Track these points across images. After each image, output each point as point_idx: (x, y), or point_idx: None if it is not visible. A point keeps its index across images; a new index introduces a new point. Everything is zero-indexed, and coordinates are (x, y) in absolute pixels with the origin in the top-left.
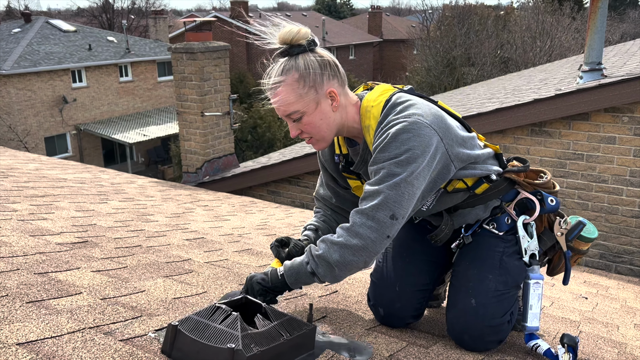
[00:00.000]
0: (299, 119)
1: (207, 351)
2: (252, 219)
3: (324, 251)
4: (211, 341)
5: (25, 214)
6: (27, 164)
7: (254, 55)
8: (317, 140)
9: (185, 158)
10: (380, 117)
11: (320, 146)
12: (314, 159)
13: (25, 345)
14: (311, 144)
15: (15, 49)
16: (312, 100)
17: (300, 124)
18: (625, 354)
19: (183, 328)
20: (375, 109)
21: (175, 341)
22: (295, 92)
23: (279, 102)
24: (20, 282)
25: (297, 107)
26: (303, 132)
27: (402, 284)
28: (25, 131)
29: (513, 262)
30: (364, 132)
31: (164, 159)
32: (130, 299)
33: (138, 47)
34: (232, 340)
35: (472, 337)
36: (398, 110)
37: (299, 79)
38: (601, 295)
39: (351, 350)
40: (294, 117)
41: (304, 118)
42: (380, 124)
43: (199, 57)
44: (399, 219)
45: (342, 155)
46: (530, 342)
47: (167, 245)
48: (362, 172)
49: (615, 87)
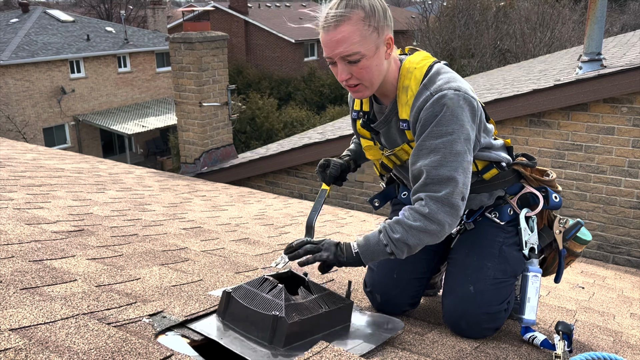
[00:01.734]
0: (356, 62)
1: (255, 316)
2: (249, 209)
3: (402, 235)
4: (259, 308)
5: (22, 203)
6: (24, 154)
7: (253, 47)
8: (365, 88)
9: (184, 149)
10: (423, 81)
11: (365, 94)
12: (312, 149)
13: (18, 330)
14: (356, 91)
15: (13, 39)
16: (373, 44)
17: (355, 67)
18: (620, 342)
19: (235, 295)
20: (418, 71)
21: (228, 306)
22: (360, 31)
23: (342, 39)
24: (15, 270)
25: (360, 49)
26: (352, 77)
27: (400, 272)
28: (24, 122)
29: (512, 252)
30: (399, 91)
31: (162, 150)
32: (125, 286)
33: (136, 37)
34: (277, 308)
35: (469, 323)
36: (445, 80)
37: (364, 18)
38: (598, 285)
39: (388, 323)
40: (352, 58)
41: (362, 61)
42: (426, 88)
43: (197, 47)
44: (466, 198)
45: (363, 112)
46: (527, 335)
47: (164, 234)
48: (383, 132)
49: (614, 78)
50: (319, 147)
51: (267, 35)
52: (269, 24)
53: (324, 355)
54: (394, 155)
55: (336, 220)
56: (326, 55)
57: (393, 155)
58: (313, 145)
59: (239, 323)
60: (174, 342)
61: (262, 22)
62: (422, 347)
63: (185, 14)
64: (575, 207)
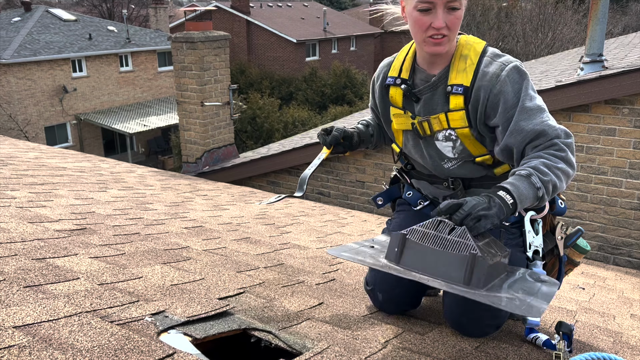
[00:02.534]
0: (455, 9)
1: (443, 258)
2: (251, 209)
3: (551, 177)
4: (447, 249)
5: (24, 202)
6: (27, 153)
7: (255, 46)
8: (449, 41)
9: (185, 148)
10: (486, 54)
11: (445, 49)
12: (313, 149)
13: (22, 328)
14: (440, 43)
15: (15, 38)
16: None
17: (452, 16)
18: (620, 342)
19: (412, 238)
20: (477, 45)
21: (404, 249)
22: None
23: None
24: (18, 267)
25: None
26: (445, 27)
27: None
28: (26, 120)
29: (515, 252)
30: (455, 59)
31: (164, 150)
32: (127, 284)
33: (138, 37)
34: (467, 249)
35: (470, 320)
36: (508, 56)
37: None
38: (598, 286)
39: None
40: (455, 4)
41: (459, 11)
42: (492, 59)
43: (199, 46)
44: None
45: (401, 78)
46: (530, 335)
47: (166, 233)
48: (425, 98)
49: (615, 79)
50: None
51: (269, 35)
52: (271, 24)
53: (324, 355)
54: (426, 121)
55: (337, 220)
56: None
57: (426, 121)
58: (314, 145)
59: (419, 266)
60: (177, 341)
61: (264, 22)
62: (423, 346)
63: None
64: (576, 207)
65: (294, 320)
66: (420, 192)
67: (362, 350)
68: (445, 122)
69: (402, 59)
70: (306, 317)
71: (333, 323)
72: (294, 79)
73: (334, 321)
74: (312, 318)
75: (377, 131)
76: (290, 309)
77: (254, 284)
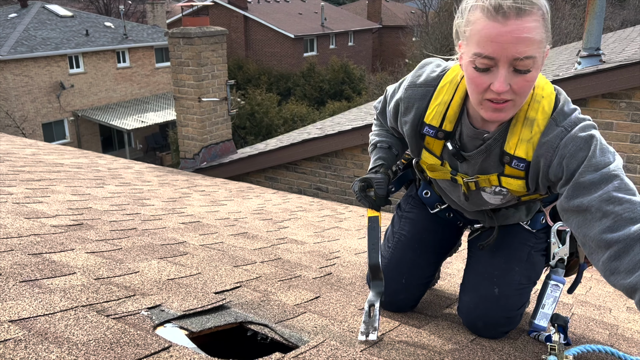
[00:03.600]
0: (526, 71)
1: None
2: (248, 204)
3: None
4: None
5: (21, 197)
6: (23, 149)
7: (253, 42)
8: (513, 107)
9: (183, 144)
10: (553, 116)
11: (508, 115)
12: (312, 145)
13: (17, 322)
14: (501, 109)
15: (12, 34)
16: (543, 52)
17: (519, 78)
18: (616, 335)
19: None
20: (547, 102)
21: None
22: (542, 30)
23: (524, 34)
24: (14, 262)
25: (537, 53)
26: (509, 91)
27: (409, 277)
28: (23, 117)
29: (539, 257)
30: (519, 122)
31: (162, 146)
32: (124, 279)
33: (135, 32)
34: None
35: (487, 324)
36: (573, 109)
37: (544, 16)
38: (595, 279)
39: None
40: (525, 64)
41: (532, 72)
42: (556, 126)
43: (196, 42)
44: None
45: (443, 130)
46: (532, 333)
47: (163, 229)
48: (473, 161)
49: (613, 73)
50: (318, 143)
51: (266, 31)
52: (269, 19)
53: (320, 349)
54: (473, 182)
55: (335, 215)
56: (487, 54)
57: (472, 182)
58: (312, 141)
59: None
60: (173, 334)
61: (261, 17)
62: (419, 339)
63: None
64: None
65: (291, 314)
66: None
67: (358, 343)
68: (497, 182)
69: (446, 102)
70: (302, 311)
71: (329, 316)
72: (292, 75)
73: (331, 315)
74: (309, 311)
75: (400, 147)
76: (286, 303)
77: (250, 278)
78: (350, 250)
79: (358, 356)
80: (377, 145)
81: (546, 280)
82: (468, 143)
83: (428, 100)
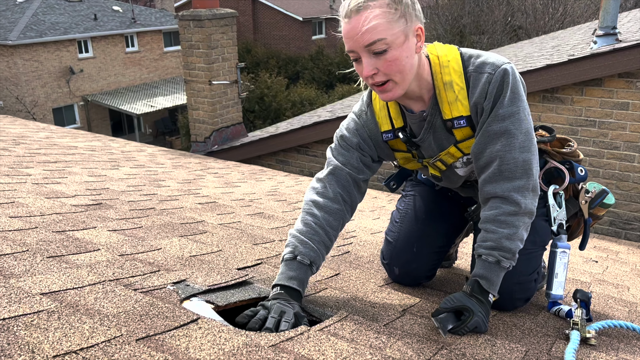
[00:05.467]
0: (382, 52)
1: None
2: (262, 186)
3: (514, 247)
4: None
5: (40, 178)
6: (37, 133)
7: (261, 25)
8: (396, 84)
9: (194, 127)
10: (468, 68)
11: (396, 93)
12: (323, 127)
13: (48, 294)
14: (385, 90)
15: (21, 19)
16: (401, 32)
17: (381, 60)
18: (636, 312)
19: None
20: (453, 62)
21: None
22: (385, 16)
23: (365, 25)
24: (39, 239)
25: (385, 35)
26: (379, 73)
27: (419, 246)
28: (33, 102)
29: (541, 222)
30: (440, 90)
31: (171, 130)
32: (147, 255)
33: (144, 16)
34: None
35: (501, 293)
36: (487, 56)
37: (390, 3)
38: (611, 259)
39: None
40: (377, 47)
41: (389, 52)
42: (478, 72)
43: (206, 24)
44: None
45: (397, 129)
46: (553, 308)
47: (180, 208)
48: (427, 142)
49: (629, 52)
50: (329, 125)
51: (274, 14)
52: (276, 2)
53: (344, 323)
54: (439, 161)
55: None
56: (349, 49)
57: (438, 161)
58: (323, 123)
59: None
60: (199, 307)
61: (269, 0)
62: None
63: None
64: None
65: (312, 290)
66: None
67: (380, 317)
68: (459, 152)
69: (383, 106)
70: (324, 287)
71: (350, 293)
72: (300, 58)
73: (352, 291)
74: (330, 287)
75: (324, 254)
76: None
77: (270, 256)
78: (366, 230)
79: (382, 330)
80: (296, 256)
81: (552, 250)
82: (416, 129)
83: (374, 116)
